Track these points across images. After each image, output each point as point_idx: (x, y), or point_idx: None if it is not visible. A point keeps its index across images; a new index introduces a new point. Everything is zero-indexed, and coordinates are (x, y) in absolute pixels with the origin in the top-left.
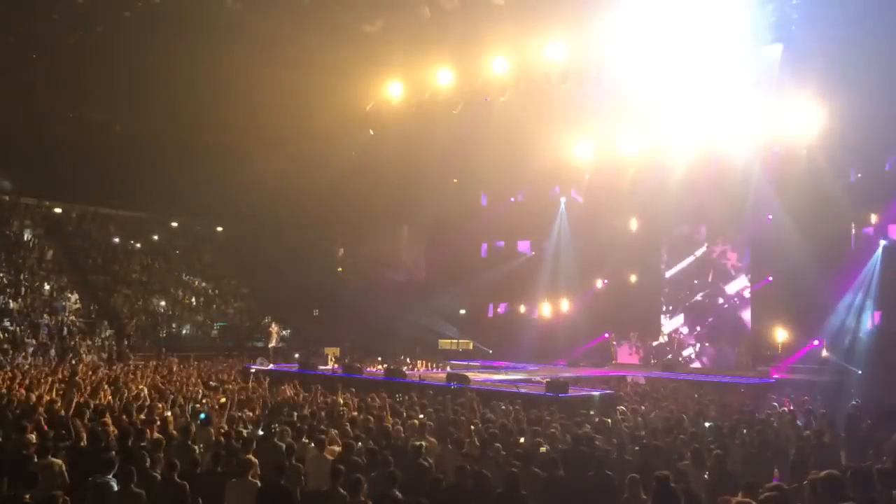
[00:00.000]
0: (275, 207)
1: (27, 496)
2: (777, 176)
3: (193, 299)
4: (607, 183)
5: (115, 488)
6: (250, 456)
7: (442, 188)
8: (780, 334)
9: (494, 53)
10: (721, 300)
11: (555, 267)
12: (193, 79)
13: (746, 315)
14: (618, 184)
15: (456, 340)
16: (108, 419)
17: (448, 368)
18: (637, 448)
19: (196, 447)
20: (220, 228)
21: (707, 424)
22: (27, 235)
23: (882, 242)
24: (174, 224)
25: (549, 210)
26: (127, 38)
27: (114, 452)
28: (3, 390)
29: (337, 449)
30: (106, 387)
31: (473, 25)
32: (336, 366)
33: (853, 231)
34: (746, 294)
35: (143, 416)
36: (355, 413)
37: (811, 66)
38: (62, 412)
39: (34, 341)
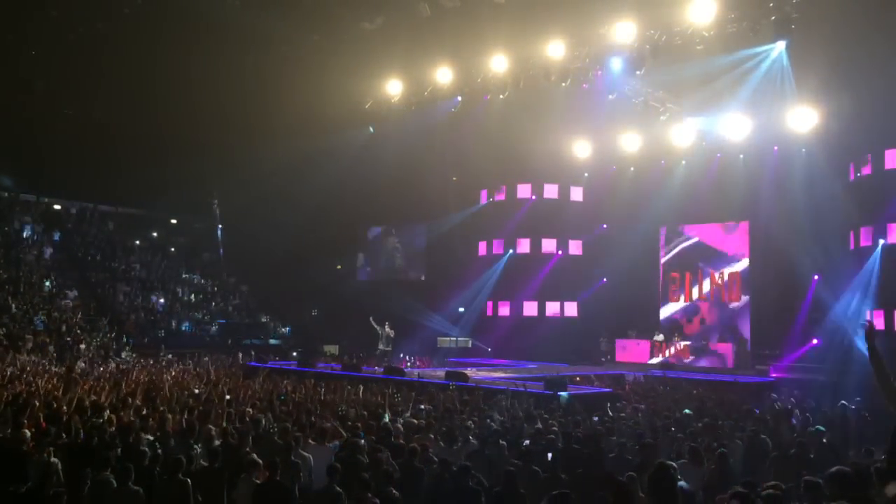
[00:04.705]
0: (274, 205)
1: (23, 490)
2: (776, 175)
3: (192, 296)
4: (607, 181)
5: (114, 485)
6: (252, 454)
7: (441, 186)
8: (779, 334)
9: (494, 51)
10: (720, 299)
11: (554, 265)
12: (194, 76)
13: (745, 314)
14: (618, 182)
15: (454, 339)
16: (106, 416)
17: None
18: (636, 446)
19: (195, 444)
20: (219, 226)
21: (705, 422)
22: (26, 232)
23: (881, 242)
24: (173, 221)
25: (548, 208)
26: (126, 35)
27: (112, 449)
28: (2, 387)
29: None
30: (104, 383)
31: (473, 23)
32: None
33: (852, 230)
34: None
35: (141, 413)
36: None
37: (812, 65)
38: (60, 409)
39: (33, 338)
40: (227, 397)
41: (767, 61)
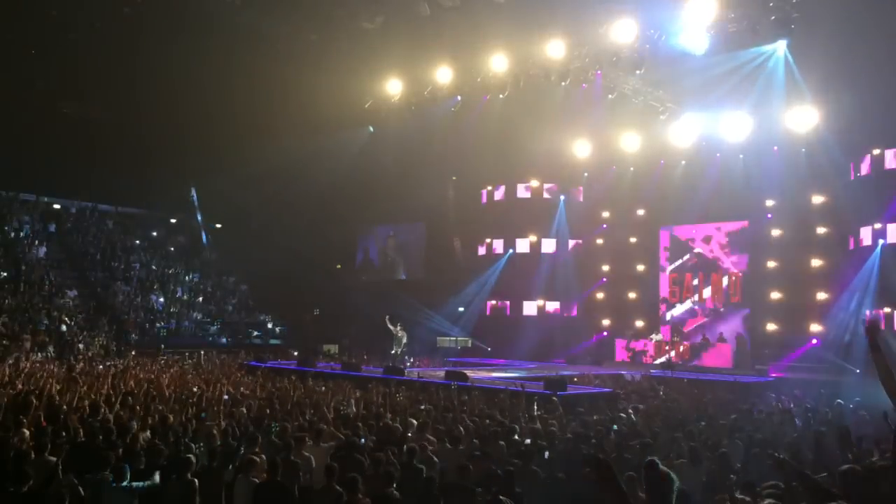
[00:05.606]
0: (274, 205)
1: (24, 490)
2: (776, 175)
3: (191, 296)
4: (607, 181)
5: (113, 485)
6: (253, 454)
7: (441, 185)
8: (778, 333)
9: (494, 51)
10: (720, 299)
11: (554, 264)
12: (193, 76)
13: (746, 314)
14: (618, 182)
15: (454, 338)
16: (105, 415)
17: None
18: (636, 446)
19: (196, 444)
20: (218, 225)
21: (705, 423)
22: (26, 231)
23: (881, 242)
24: (173, 220)
25: (548, 208)
26: (126, 34)
27: (113, 449)
28: (1, 386)
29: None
30: (104, 383)
31: (473, 23)
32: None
33: (852, 231)
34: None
35: (141, 413)
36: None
37: (812, 65)
38: (60, 408)
39: (31, 338)
40: (226, 397)
41: (768, 61)
